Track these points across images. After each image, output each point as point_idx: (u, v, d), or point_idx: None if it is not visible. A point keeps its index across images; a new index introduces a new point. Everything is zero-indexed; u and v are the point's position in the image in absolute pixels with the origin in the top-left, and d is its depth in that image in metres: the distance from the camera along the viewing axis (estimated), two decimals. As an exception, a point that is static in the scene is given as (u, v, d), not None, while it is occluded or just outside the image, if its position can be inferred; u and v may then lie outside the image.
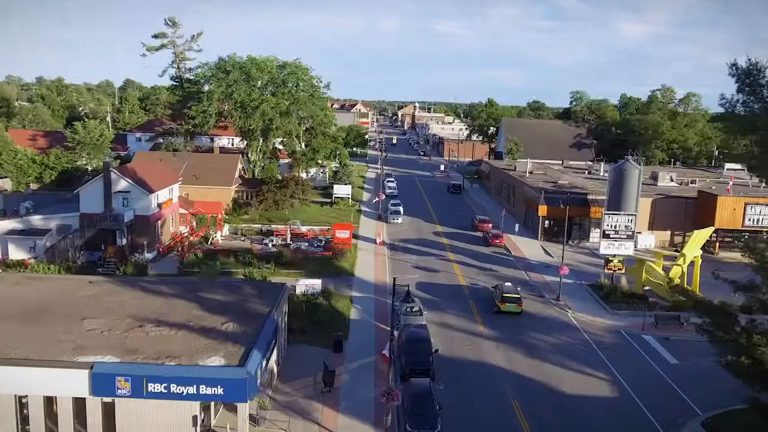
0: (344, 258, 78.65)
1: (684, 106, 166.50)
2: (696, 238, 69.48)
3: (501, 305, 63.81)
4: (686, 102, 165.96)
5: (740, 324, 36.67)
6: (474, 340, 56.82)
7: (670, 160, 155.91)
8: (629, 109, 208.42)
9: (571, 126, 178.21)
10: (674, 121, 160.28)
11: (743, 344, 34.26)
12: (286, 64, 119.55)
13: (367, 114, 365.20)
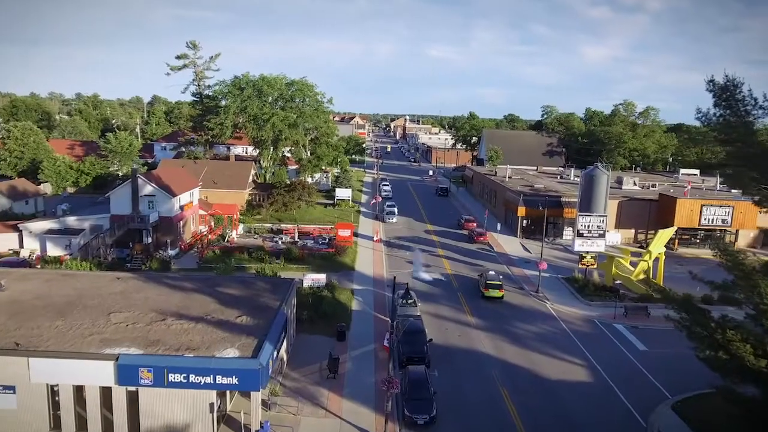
0: (346, 254, 76.59)
1: (643, 119, 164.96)
2: (661, 236, 67.65)
3: (485, 291, 63.91)
4: (645, 115, 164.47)
5: (713, 319, 34.51)
6: (464, 330, 54.82)
7: (631, 166, 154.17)
8: (593, 121, 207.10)
9: (544, 136, 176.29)
10: (635, 132, 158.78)
11: (719, 340, 32.21)
12: (294, 82, 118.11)
13: (364, 125, 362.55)
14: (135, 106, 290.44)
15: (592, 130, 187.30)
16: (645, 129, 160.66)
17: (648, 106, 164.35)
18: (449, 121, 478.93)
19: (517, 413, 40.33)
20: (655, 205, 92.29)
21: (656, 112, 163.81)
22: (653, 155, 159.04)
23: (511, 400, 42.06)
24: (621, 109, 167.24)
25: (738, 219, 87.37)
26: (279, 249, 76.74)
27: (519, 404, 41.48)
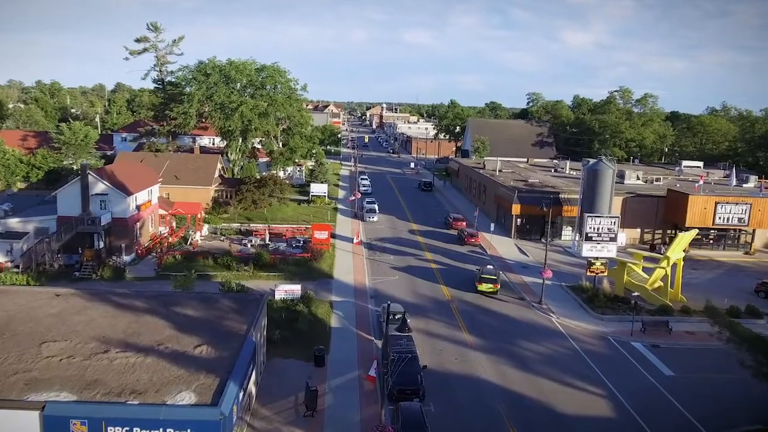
0: (323, 259, 70.83)
1: (640, 106, 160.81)
2: (680, 240, 62.71)
3: (478, 285, 62.98)
4: (643, 102, 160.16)
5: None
6: (461, 351, 49.39)
7: (629, 157, 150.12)
8: (581, 109, 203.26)
9: (533, 125, 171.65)
10: (632, 121, 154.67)
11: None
12: (264, 67, 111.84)
13: (339, 114, 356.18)
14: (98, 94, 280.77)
15: (581, 118, 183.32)
16: (643, 117, 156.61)
17: (646, 93, 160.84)
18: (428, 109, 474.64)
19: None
20: (663, 202, 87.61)
21: (655, 99, 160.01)
22: (651, 146, 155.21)
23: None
24: (617, 96, 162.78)
25: (756, 217, 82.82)
26: (248, 254, 70.76)
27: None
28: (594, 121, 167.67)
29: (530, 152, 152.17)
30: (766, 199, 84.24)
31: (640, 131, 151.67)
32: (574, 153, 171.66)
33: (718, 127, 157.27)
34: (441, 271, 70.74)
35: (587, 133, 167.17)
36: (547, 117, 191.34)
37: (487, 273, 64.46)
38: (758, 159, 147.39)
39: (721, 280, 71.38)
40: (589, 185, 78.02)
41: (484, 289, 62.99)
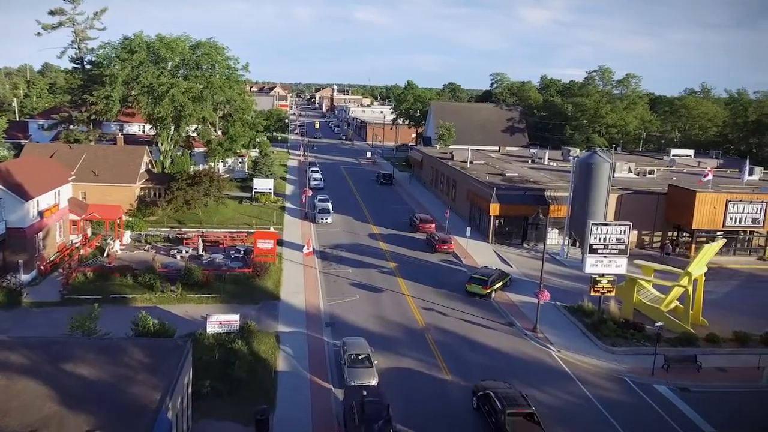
0: (267, 275, 61.71)
1: (622, 88, 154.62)
2: (705, 253, 55.18)
3: (467, 285, 61.08)
4: (625, 83, 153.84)
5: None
6: (443, 397, 41.02)
7: (610, 145, 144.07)
8: (550, 90, 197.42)
9: (503, 109, 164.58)
10: (613, 105, 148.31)
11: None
12: (200, 44, 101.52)
13: (286, 97, 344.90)
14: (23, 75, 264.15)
15: (551, 101, 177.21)
16: (625, 101, 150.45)
17: (628, 73, 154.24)
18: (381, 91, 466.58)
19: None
20: (663, 199, 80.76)
21: (638, 81, 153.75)
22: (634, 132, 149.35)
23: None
24: (596, 77, 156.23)
25: (772, 217, 76.62)
26: (175, 269, 61.14)
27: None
28: (567, 104, 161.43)
29: (501, 140, 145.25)
30: (783, 196, 78.05)
31: (622, 116, 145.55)
32: (544, 139, 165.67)
33: (705, 111, 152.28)
34: (411, 288, 62.29)
35: (559, 118, 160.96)
36: (513, 99, 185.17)
37: (477, 273, 62.49)
38: (751, 146, 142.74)
39: (740, 294, 64.72)
40: (582, 181, 70.82)
41: (472, 290, 60.44)
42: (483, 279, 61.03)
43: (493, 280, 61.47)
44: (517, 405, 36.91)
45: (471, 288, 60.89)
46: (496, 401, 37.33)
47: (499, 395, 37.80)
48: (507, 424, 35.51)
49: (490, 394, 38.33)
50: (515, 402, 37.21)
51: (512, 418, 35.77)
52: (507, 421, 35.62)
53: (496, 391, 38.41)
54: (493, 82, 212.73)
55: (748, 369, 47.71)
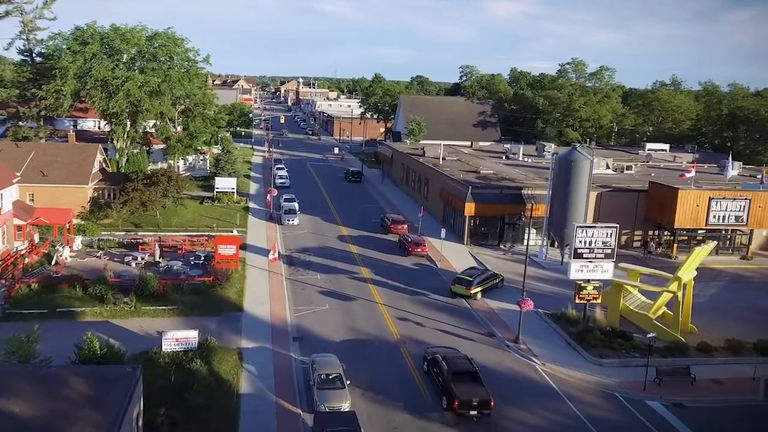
0: (229, 283, 58.07)
1: (595, 81, 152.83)
2: (696, 257, 52.99)
3: (452, 286, 59.85)
4: (599, 76, 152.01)
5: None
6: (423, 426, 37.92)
7: (584, 139, 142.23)
8: (520, 83, 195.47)
9: (475, 103, 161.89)
10: (587, 98, 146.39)
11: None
12: (157, 35, 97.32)
13: (250, 90, 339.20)
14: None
15: (521, 94, 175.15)
16: (599, 94, 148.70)
17: (602, 66, 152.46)
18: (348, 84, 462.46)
19: None
20: (644, 197, 78.67)
21: (611, 73, 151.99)
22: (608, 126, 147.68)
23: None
24: (569, 69, 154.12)
25: (756, 215, 74.60)
26: (130, 279, 57.19)
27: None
28: (538, 97, 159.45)
29: (473, 134, 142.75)
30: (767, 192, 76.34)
31: (596, 109, 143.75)
32: (515, 133, 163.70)
33: (679, 104, 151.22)
34: (384, 295, 59.11)
35: (530, 111, 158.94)
36: (483, 92, 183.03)
37: (463, 273, 61.52)
38: (725, 139, 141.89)
39: (727, 297, 62.79)
40: (562, 179, 68.49)
41: (456, 291, 59.33)
42: (467, 280, 59.44)
43: (480, 281, 59.83)
44: (461, 366, 41.62)
45: (455, 289, 59.52)
46: (442, 363, 41.96)
47: (445, 358, 42.53)
48: (452, 382, 39.80)
49: (438, 357, 43.10)
50: (459, 363, 41.88)
51: (456, 377, 40.14)
52: (452, 379, 39.98)
53: (444, 355, 43.27)
54: (462, 74, 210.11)
55: (743, 380, 45.51)
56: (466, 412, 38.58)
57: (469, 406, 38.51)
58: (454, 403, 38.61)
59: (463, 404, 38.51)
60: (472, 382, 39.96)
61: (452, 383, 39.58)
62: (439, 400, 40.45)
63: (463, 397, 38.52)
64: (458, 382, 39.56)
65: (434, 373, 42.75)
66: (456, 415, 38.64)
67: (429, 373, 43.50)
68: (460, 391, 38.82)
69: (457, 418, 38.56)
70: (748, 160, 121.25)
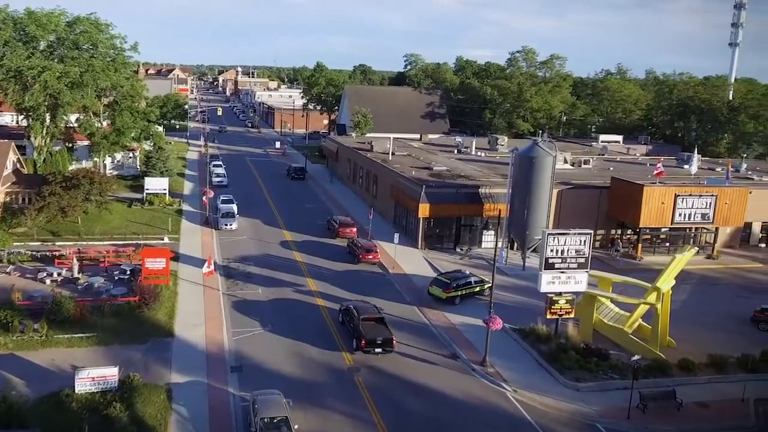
0: (158, 303, 51.73)
1: (546, 70, 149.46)
2: (676, 265, 48.92)
3: (430, 287, 57.60)
4: (549, 65, 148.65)
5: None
6: None
7: (535, 131, 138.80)
8: (465, 72, 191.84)
9: (422, 93, 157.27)
10: (538, 87, 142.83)
11: None
12: (78, 20, 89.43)
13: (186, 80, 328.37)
14: None
15: (467, 83, 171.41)
16: (550, 83, 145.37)
17: (552, 55, 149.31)
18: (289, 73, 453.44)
19: None
20: (606, 194, 74.86)
21: (562, 62, 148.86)
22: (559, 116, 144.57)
23: None
24: (519, 58, 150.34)
25: (722, 212, 71.68)
26: (43, 300, 50.34)
27: None
28: (486, 87, 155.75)
29: (421, 126, 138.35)
30: (734, 188, 73.36)
31: (547, 99, 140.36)
32: (463, 124, 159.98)
33: (629, 94, 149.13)
34: (334, 313, 53.48)
35: (477, 101, 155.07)
36: (428, 82, 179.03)
37: (443, 275, 59.11)
38: (677, 130, 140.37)
39: (698, 302, 59.41)
40: (522, 177, 64.06)
41: (433, 293, 56.90)
42: (445, 282, 56.70)
43: (460, 284, 56.87)
44: (369, 313, 48.49)
45: (432, 290, 57.14)
46: (354, 311, 48.65)
47: (356, 307, 49.35)
48: (361, 326, 46.59)
49: (350, 307, 49.91)
50: (368, 311, 48.83)
51: (365, 323, 47.02)
52: (361, 324, 46.78)
53: (355, 305, 50.15)
54: (407, 63, 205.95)
55: (731, 402, 41.90)
56: (371, 350, 45.71)
57: (373, 344, 45.69)
58: (361, 342, 45.70)
59: (369, 343, 45.68)
60: (377, 325, 47.27)
61: (360, 326, 46.64)
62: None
63: (369, 336, 45.72)
64: (366, 326, 46.77)
65: (347, 321, 49.48)
66: (363, 353, 45.56)
67: (343, 322, 50.17)
68: (367, 332, 45.97)
69: (365, 355, 44.14)
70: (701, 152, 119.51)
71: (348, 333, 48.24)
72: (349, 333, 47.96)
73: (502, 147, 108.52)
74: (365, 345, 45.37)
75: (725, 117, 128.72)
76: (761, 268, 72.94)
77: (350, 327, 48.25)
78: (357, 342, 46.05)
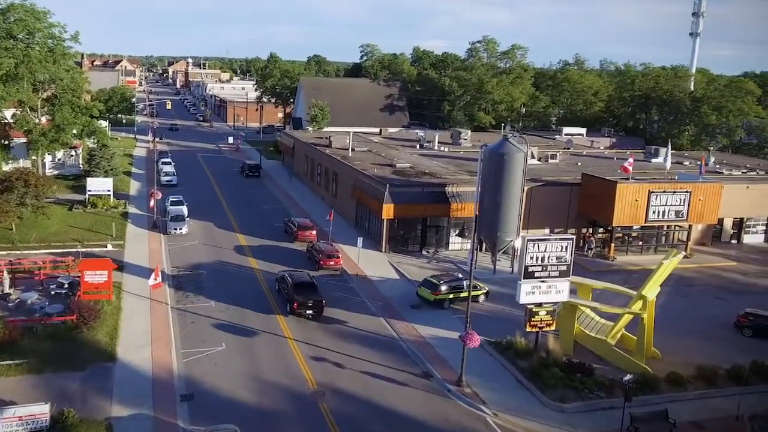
0: (99, 321, 46.92)
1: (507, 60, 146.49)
2: (664, 271, 45.79)
3: (419, 289, 55.51)
4: (511, 56, 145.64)
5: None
6: None
7: (498, 123, 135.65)
8: (423, 63, 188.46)
9: (381, 85, 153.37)
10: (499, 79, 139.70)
11: None
12: (12, 8, 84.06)
13: (135, 72, 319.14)
14: None
15: (425, 74, 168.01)
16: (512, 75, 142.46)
17: (514, 45, 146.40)
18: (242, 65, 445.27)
19: None
20: (576, 191, 71.96)
21: (524, 52, 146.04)
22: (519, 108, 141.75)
23: None
24: (480, 48, 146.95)
25: (696, 209, 69.41)
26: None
27: None
28: (444, 78, 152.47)
29: (380, 120, 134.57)
30: (708, 184, 71.01)
31: (509, 91, 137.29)
32: (421, 117, 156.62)
33: (589, 85, 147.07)
34: (293, 326, 49.21)
35: (436, 93, 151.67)
36: (385, 73, 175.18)
37: (432, 277, 56.25)
38: (639, 122, 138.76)
39: (678, 306, 56.88)
40: (493, 174, 60.43)
41: (422, 295, 54.74)
42: (434, 283, 54.08)
43: (451, 287, 54.07)
44: (302, 279, 53.01)
45: (421, 292, 54.99)
46: (288, 278, 53.03)
47: (291, 275, 53.67)
48: (293, 291, 50.94)
49: (285, 275, 54.22)
50: (301, 277, 53.27)
51: (298, 288, 51.18)
52: (293, 289, 51.12)
53: (290, 273, 54.35)
54: (363, 54, 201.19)
55: (727, 422, 39.15)
56: (303, 312, 50.18)
57: (305, 307, 50.10)
58: (294, 305, 50.25)
59: (301, 305, 50.12)
60: (309, 290, 51.39)
61: (293, 291, 50.88)
62: None
63: (300, 299, 50.10)
64: (298, 291, 50.91)
65: (282, 289, 53.85)
66: (296, 315, 50.32)
67: (279, 290, 54.55)
68: (299, 296, 50.29)
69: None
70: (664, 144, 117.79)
71: (283, 300, 52.82)
72: (284, 298, 52.59)
73: (465, 141, 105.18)
74: (297, 307, 50.05)
75: (688, 108, 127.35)
76: (736, 267, 70.99)
77: (285, 294, 52.48)
78: (290, 305, 50.70)
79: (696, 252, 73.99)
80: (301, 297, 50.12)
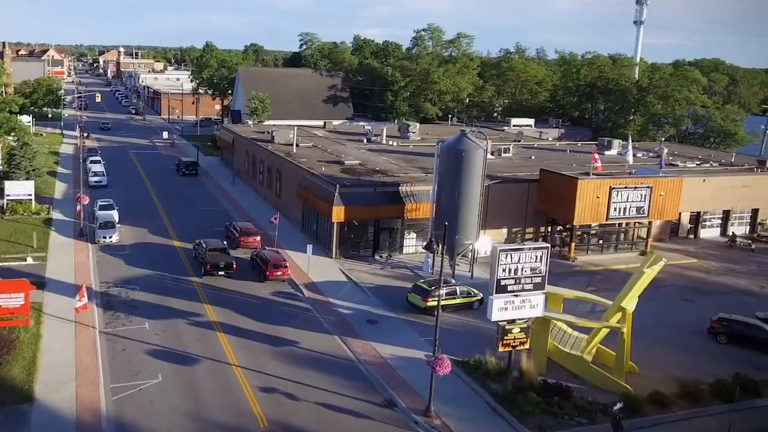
0: (14, 353, 40.99)
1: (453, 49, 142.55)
2: (645, 281, 41.96)
3: (409, 294, 51.91)
4: (456, 44, 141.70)
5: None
6: None
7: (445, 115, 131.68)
8: (364, 52, 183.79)
9: (323, 76, 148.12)
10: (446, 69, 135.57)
11: None
12: None
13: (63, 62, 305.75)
14: None
15: (367, 64, 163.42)
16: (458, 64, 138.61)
17: (459, 33, 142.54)
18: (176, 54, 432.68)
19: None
20: (534, 188, 68.41)
21: (470, 41, 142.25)
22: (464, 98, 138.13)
23: None
24: (425, 36, 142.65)
25: (657, 204, 66.57)
26: None
27: None
28: (386, 67, 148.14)
29: (324, 112, 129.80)
30: (668, 179, 68.21)
31: (455, 81, 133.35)
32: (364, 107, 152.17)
33: (534, 74, 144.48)
34: (238, 350, 44.17)
35: (378, 83, 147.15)
36: (326, 63, 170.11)
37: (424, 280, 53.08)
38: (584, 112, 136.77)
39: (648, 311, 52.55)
40: (449, 173, 56.53)
41: (413, 301, 51.28)
42: (425, 288, 50.35)
43: (446, 293, 49.53)
44: (215, 244, 59.01)
45: (411, 298, 51.64)
46: (202, 244, 58.73)
47: (206, 241, 59.40)
48: (207, 255, 56.90)
49: (200, 242, 59.77)
50: (214, 244, 59.02)
51: (211, 252, 57.33)
52: (207, 254, 57.05)
53: (205, 240, 59.69)
54: (302, 43, 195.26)
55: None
56: (215, 272, 56.17)
57: (217, 268, 56.17)
58: (207, 266, 56.20)
59: (213, 267, 56.18)
60: (221, 254, 57.73)
61: (207, 255, 56.91)
62: None
63: (212, 261, 56.24)
64: (211, 255, 57.01)
65: (198, 254, 59.20)
66: (209, 275, 56.19)
67: (196, 257, 59.96)
68: (211, 259, 56.39)
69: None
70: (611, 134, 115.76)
71: (198, 263, 58.71)
72: (199, 262, 58.52)
73: (414, 135, 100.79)
74: (210, 269, 56.09)
75: (634, 98, 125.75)
76: (697, 264, 68.55)
77: (200, 260, 57.78)
78: (204, 267, 56.64)
79: (655, 249, 71.13)
80: (214, 260, 56.32)
